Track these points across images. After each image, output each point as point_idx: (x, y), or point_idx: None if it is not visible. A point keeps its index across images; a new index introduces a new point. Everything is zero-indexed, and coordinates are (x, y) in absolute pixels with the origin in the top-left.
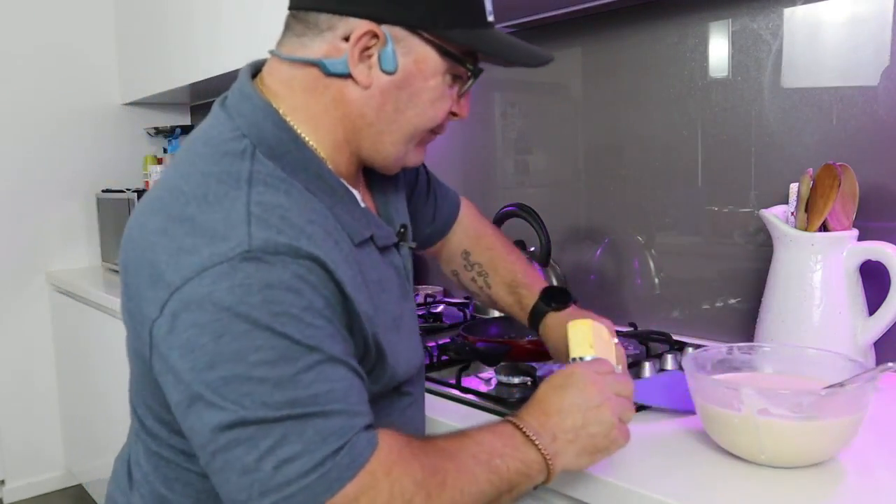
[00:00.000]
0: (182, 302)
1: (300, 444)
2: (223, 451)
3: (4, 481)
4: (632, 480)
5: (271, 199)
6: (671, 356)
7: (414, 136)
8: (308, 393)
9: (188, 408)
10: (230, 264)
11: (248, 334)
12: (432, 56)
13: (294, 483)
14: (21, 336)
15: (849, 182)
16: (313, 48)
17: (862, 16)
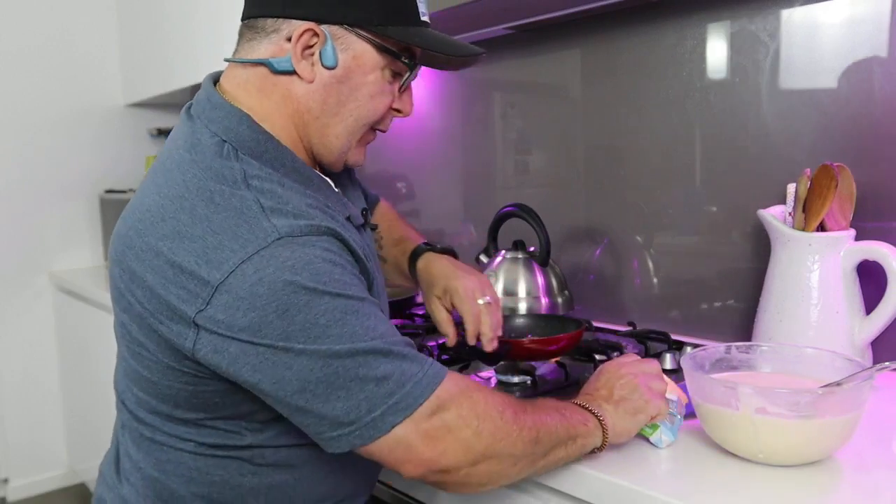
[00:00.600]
0: (231, 293)
1: (389, 366)
2: (323, 385)
3: (8, 480)
4: (631, 479)
5: (271, 193)
6: (670, 356)
7: (356, 130)
8: (377, 332)
9: (272, 366)
10: (268, 251)
11: (311, 303)
12: (370, 52)
13: (395, 394)
14: (24, 335)
15: (846, 182)
16: (261, 50)
17: (859, 17)
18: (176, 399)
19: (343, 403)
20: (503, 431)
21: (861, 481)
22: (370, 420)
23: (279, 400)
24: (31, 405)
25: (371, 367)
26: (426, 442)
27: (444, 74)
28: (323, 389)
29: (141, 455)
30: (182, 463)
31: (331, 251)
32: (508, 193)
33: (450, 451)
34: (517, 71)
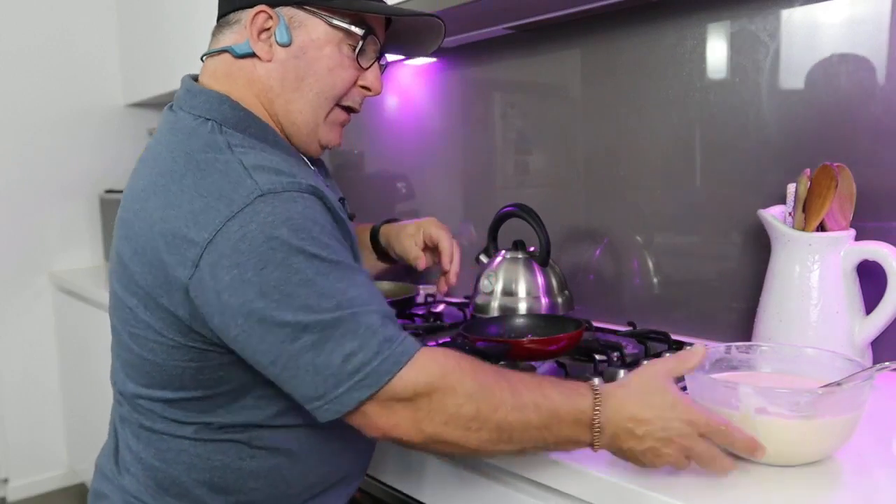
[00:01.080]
0: (217, 251)
1: (357, 340)
2: (293, 359)
3: (8, 479)
4: (631, 479)
5: (255, 155)
6: (670, 355)
7: (319, 105)
8: (347, 297)
9: (249, 336)
10: (251, 208)
11: (286, 260)
12: (321, 26)
13: (361, 370)
14: (24, 335)
15: (846, 182)
16: (224, 40)
17: (859, 17)
18: (181, 379)
19: (311, 378)
20: (455, 427)
21: (861, 481)
22: (336, 396)
23: (264, 371)
24: (31, 405)
25: (337, 343)
26: (382, 414)
27: (443, 74)
28: (292, 364)
29: (141, 446)
30: (182, 450)
31: (312, 209)
32: (508, 193)
33: (402, 426)
34: (517, 71)
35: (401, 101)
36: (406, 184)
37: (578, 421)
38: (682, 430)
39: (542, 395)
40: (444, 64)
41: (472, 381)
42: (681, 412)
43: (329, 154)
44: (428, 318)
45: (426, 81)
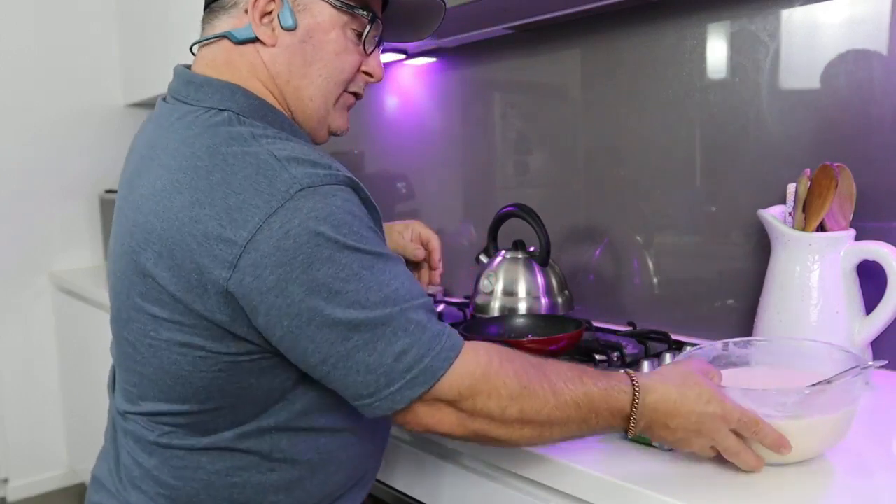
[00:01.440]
0: (258, 251)
1: (408, 337)
2: (344, 359)
3: (8, 479)
4: (631, 479)
5: (283, 145)
6: (670, 355)
7: (329, 90)
8: (392, 289)
9: (297, 337)
10: (291, 203)
11: (332, 257)
12: (327, 9)
13: (413, 368)
14: (24, 335)
15: (846, 182)
16: (220, 25)
17: (859, 17)
18: (208, 391)
19: (362, 378)
20: (500, 424)
21: (861, 481)
22: (388, 394)
23: (309, 369)
24: (31, 405)
25: (388, 342)
26: (429, 412)
27: (443, 74)
28: (343, 363)
29: (154, 462)
30: (200, 468)
31: (350, 202)
32: (508, 193)
33: (446, 422)
34: (517, 71)
35: (401, 101)
36: (406, 184)
37: (617, 415)
38: (714, 425)
39: (583, 393)
40: (444, 64)
41: (516, 381)
42: (715, 407)
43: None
44: None
45: (426, 81)
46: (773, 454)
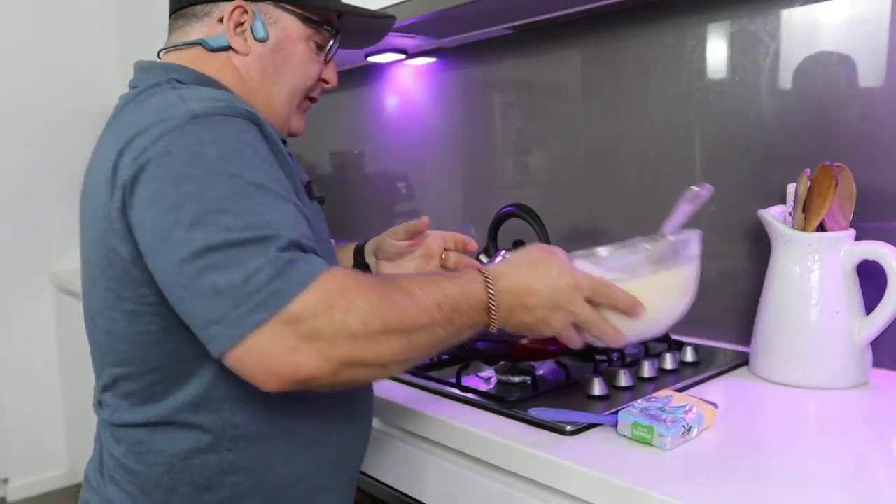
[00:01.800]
0: (141, 167)
1: (262, 259)
2: (194, 279)
3: (8, 479)
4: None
5: (200, 91)
6: (670, 355)
7: (295, 95)
8: (264, 218)
9: (157, 250)
10: (180, 129)
11: (205, 177)
12: (296, 23)
13: (262, 290)
14: (24, 335)
15: (846, 182)
16: (193, 33)
17: (859, 17)
18: (147, 349)
19: (210, 299)
20: (366, 343)
21: (861, 481)
22: (235, 318)
23: (169, 294)
24: (32, 405)
25: (242, 263)
26: (279, 352)
27: (443, 74)
28: (193, 284)
29: (122, 450)
30: (161, 451)
31: (246, 132)
32: (508, 193)
33: (307, 362)
34: (517, 71)
35: (401, 101)
36: (406, 184)
37: (477, 308)
38: (569, 296)
39: (441, 294)
40: (444, 64)
41: (373, 293)
42: (567, 278)
43: (329, 154)
44: None
45: (426, 81)
46: (631, 326)
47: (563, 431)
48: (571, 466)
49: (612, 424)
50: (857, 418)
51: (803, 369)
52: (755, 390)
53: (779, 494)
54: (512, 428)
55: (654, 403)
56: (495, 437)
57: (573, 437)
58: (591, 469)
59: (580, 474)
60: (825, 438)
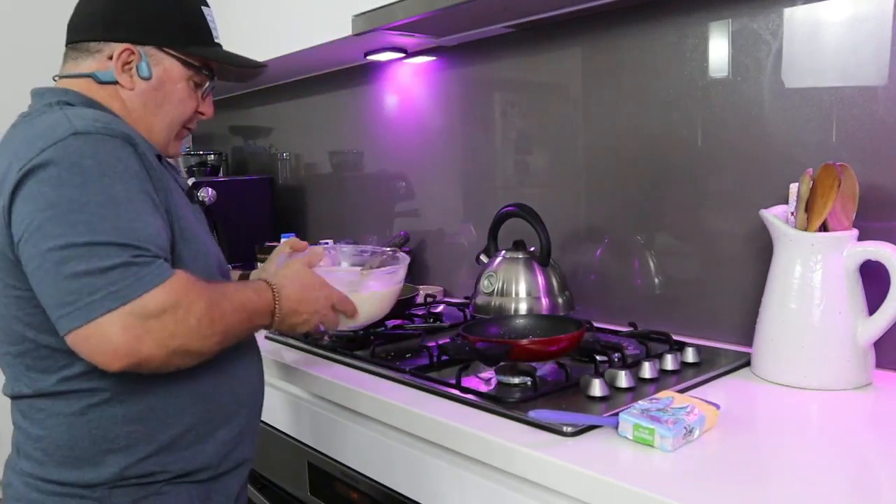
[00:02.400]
0: (27, 172)
1: (120, 259)
2: (55, 266)
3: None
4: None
5: (84, 111)
6: (671, 356)
7: (173, 126)
8: (129, 227)
9: (27, 240)
10: (63, 142)
11: (83, 184)
12: (177, 66)
13: (117, 283)
14: None
15: (849, 182)
16: (85, 66)
17: (862, 15)
18: (27, 327)
19: (69, 283)
20: (196, 338)
21: (863, 482)
22: (88, 302)
23: (32, 279)
24: None
25: (102, 259)
26: (125, 337)
27: (443, 73)
28: (55, 269)
29: (27, 423)
30: (59, 413)
31: (121, 150)
32: (508, 193)
33: (145, 347)
34: (517, 70)
35: (401, 100)
36: (406, 184)
37: (265, 314)
38: (324, 305)
39: (245, 298)
40: (444, 63)
41: (206, 298)
42: (326, 292)
43: (329, 153)
44: (428, 319)
45: (426, 80)
46: (347, 321)
47: (564, 433)
48: (572, 468)
49: (612, 426)
50: (860, 419)
51: (805, 370)
52: (757, 391)
53: (781, 495)
54: (512, 429)
55: (655, 404)
56: (495, 438)
57: (573, 439)
58: (591, 471)
59: (581, 476)
60: (827, 439)
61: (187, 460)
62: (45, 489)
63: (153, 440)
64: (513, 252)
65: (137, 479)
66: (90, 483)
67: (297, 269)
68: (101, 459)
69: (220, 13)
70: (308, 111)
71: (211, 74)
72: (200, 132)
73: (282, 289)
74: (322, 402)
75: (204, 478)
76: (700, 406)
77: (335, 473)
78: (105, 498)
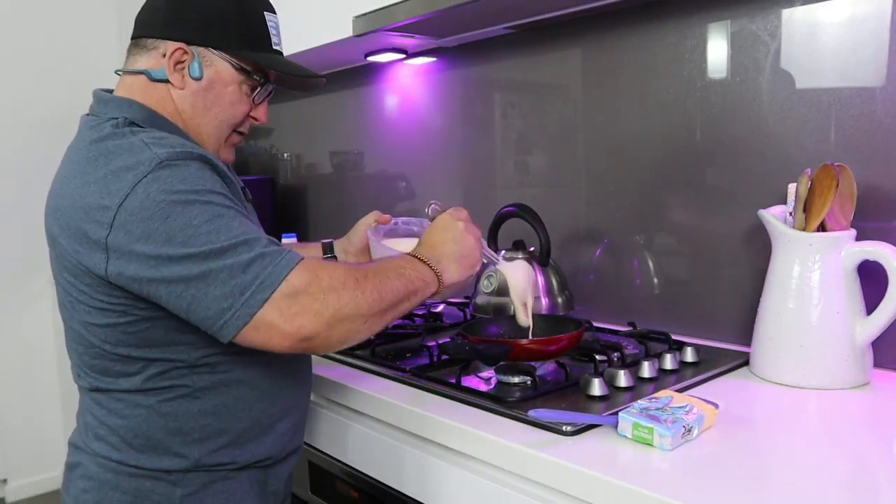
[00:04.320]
0: (128, 211)
1: (253, 252)
2: (197, 281)
3: (7, 480)
4: (631, 479)
5: (156, 135)
6: (670, 356)
7: (223, 130)
8: (239, 231)
9: (161, 275)
10: (153, 174)
11: (186, 209)
12: (228, 69)
13: (260, 274)
14: (23, 335)
15: (847, 182)
16: (142, 62)
17: (860, 17)
18: (116, 336)
19: (220, 290)
20: (347, 298)
21: (861, 481)
22: (244, 300)
23: (177, 305)
24: (30, 405)
25: (238, 258)
26: (285, 319)
27: (444, 73)
28: (203, 283)
29: (103, 411)
30: (137, 404)
31: (203, 170)
32: (508, 193)
33: (306, 322)
34: (518, 70)
35: (401, 100)
36: (406, 184)
37: (422, 271)
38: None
39: (387, 260)
40: (444, 63)
41: (342, 266)
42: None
43: (329, 154)
44: (428, 318)
45: (426, 81)
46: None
47: (563, 432)
48: (571, 467)
49: (612, 425)
50: (858, 419)
51: (804, 369)
52: (756, 390)
53: (779, 494)
54: (512, 428)
55: (654, 404)
56: (495, 437)
57: (573, 438)
58: (591, 470)
59: (580, 475)
60: (826, 439)
61: (252, 451)
62: (122, 471)
63: (224, 433)
64: (513, 252)
65: (209, 468)
66: (167, 469)
67: (434, 224)
68: (178, 449)
69: None
70: (309, 112)
71: (263, 80)
72: None
73: (426, 243)
74: (323, 402)
75: (266, 464)
76: (699, 405)
77: (336, 473)
78: (179, 481)
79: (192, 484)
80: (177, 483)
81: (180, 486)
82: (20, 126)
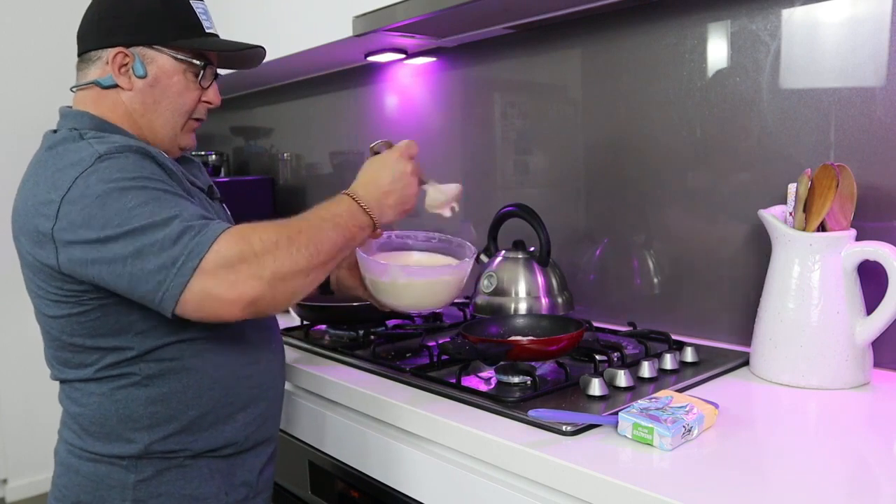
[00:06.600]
0: (70, 201)
1: (181, 225)
2: (132, 258)
3: (7, 480)
4: (631, 479)
5: (100, 137)
6: (670, 356)
7: (176, 120)
8: (175, 211)
9: (101, 257)
10: (93, 167)
11: (123, 194)
12: (168, 61)
13: (189, 243)
14: (23, 334)
15: (847, 182)
16: (91, 74)
17: (860, 17)
18: (71, 326)
19: (153, 264)
20: (283, 257)
21: (861, 481)
22: (176, 271)
23: (119, 284)
24: (30, 405)
25: (167, 232)
26: (226, 288)
27: (443, 73)
28: (139, 259)
29: (68, 401)
30: (92, 393)
31: (141, 162)
32: (508, 193)
33: (245, 285)
34: (517, 71)
35: (401, 100)
36: None
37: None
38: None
39: (319, 207)
40: (444, 63)
41: (273, 224)
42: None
43: (329, 154)
44: (428, 318)
45: (426, 81)
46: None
47: (563, 432)
48: (571, 467)
49: (612, 425)
50: (858, 418)
51: (804, 369)
52: (756, 390)
53: (779, 495)
54: (512, 428)
55: (654, 403)
56: (495, 437)
57: (573, 438)
58: (591, 469)
59: (580, 475)
60: (826, 439)
61: (207, 440)
62: (83, 456)
63: (173, 420)
64: (513, 252)
65: (161, 454)
66: (119, 455)
67: (368, 162)
68: (128, 436)
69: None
70: (309, 112)
71: (204, 64)
72: (201, 132)
73: (357, 187)
74: (323, 402)
75: (226, 454)
76: (699, 405)
77: (336, 472)
78: (131, 467)
79: (146, 470)
80: (129, 469)
81: (133, 472)
82: (19, 126)
